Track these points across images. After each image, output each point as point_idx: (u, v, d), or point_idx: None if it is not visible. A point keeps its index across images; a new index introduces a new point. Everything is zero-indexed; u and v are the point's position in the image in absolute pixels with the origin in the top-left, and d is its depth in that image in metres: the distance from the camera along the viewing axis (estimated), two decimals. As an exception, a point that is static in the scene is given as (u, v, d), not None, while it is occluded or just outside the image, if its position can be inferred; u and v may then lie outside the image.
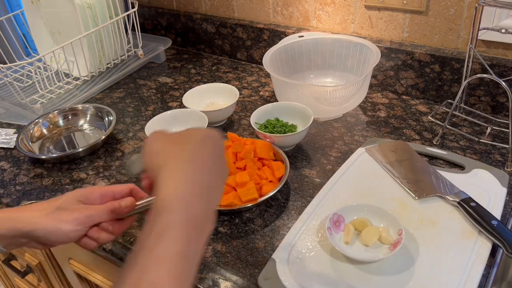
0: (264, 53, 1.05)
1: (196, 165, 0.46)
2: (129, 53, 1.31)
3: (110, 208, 0.57)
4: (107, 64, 1.27)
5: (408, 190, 0.78)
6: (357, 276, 0.64)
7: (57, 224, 0.55)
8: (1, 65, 1.06)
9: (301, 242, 0.70)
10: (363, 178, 0.82)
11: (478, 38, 0.92)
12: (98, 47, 1.20)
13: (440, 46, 1.04)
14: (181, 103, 1.06)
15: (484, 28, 0.89)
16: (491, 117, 0.96)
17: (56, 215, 0.55)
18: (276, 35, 1.23)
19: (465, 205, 0.71)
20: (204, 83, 1.20)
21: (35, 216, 0.55)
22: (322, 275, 0.65)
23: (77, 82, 1.22)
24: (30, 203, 0.82)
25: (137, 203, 0.59)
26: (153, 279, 0.38)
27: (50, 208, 0.56)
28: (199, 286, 0.67)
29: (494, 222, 0.67)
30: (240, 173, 0.79)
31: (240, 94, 1.14)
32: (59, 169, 0.95)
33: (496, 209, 0.72)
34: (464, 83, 0.91)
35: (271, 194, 0.76)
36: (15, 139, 1.01)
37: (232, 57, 1.37)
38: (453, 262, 0.64)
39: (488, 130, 0.91)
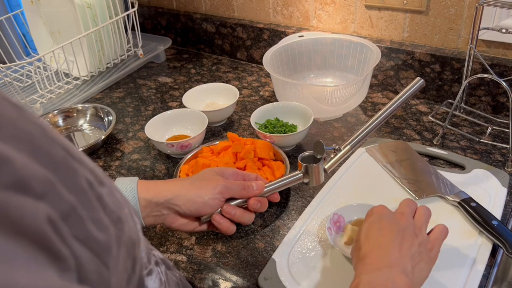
0: (264, 53, 1.05)
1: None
2: (129, 53, 1.30)
3: (244, 185, 0.62)
4: (107, 64, 1.27)
5: (408, 190, 0.78)
6: (357, 276, 0.64)
7: (197, 191, 0.59)
8: (1, 65, 1.06)
9: (301, 242, 0.70)
10: (363, 178, 0.82)
11: (479, 38, 0.92)
12: (98, 47, 1.20)
13: (440, 46, 1.04)
14: (181, 103, 1.06)
15: (485, 28, 0.89)
16: (492, 117, 0.96)
17: (197, 183, 0.60)
18: (276, 35, 1.23)
19: (465, 205, 0.71)
20: (204, 83, 1.20)
21: (177, 185, 0.60)
22: (322, 275, 0.65)
23: (77, 82, 1.22)
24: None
25: (266, 187, 0.65)
26: None
27: (190, 179, 0.61)
28: (199, 286, 0.67)
29: (494, 222, 0.67)
30: (240, 173, 0.79)
31: (240, 94, 1.13)
32: (58, 169, 0.95)
33: (496, 209, 0.72)
34: (464, 83, 0.91)
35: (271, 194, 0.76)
36: (15, 139, 1.01)
37: (232, 57, 1.37)
38: (453, 262, 0.64)
39: (489, 130, 0.90)
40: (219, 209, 0.63)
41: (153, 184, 0.60)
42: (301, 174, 0.66)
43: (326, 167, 0.66)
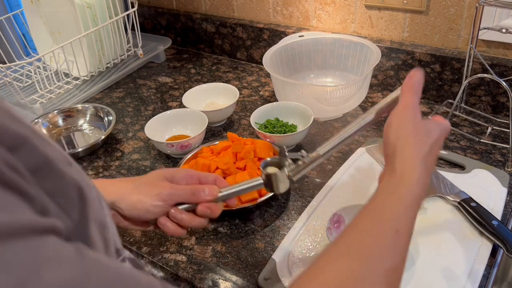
0: (264, 53, 1.05)
1: (430, 158, 0.53)
2: (129, 53, 1.30)
3: (193, 190, 0.58)
4: (107, 64, 1.27)
5: (409, 190, 0.78)
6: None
7: (139, 197, 0.56)
8: (1, 65, 1.05)
9: (301, 242, 0.70)
10: (363, 178, 0.82)
11: (479, 38, 0.92)
12: (98, 47, 1.20)
13: (440, 46, 1.04)
14: (181, 103, 1.05)
15: (485, 28, 0.89)
16: (492, 117, 0.96)
17: (141, 188, 0.57)
18: (276, 34, 1.23)
19: (465, 205, 0.71)
20: (204, 83, 1.20)
21: (122, 188, 0.57)
22: (322, 276, 0.65)
23: (77, 82, 1.22)
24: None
25: (220, 190, 0.59)
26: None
27: (136, 182, 0.58)
28: (199, 286, 0.67)
29: (494, 222, 0.67)
30: (240, 173, 0.79)
31: (240, 94, 1.13)
32: (58, 169, 0.95)
33: (496, 209, 0.72)
34: (464, 83, 0.91)
35: (271, 194, 0.76)
36: (15, 139, 1.01)
37: (232, 57, 1.37)
38: (453, 262, 0.64)
39: (489, 130, 0.90)
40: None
41: (104, 184, 0.58)
42: (261, 181, 0.59)
43: (290, 174, 0.58)
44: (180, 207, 0.59)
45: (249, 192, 0.62)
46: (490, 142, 0.89)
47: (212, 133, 1.02)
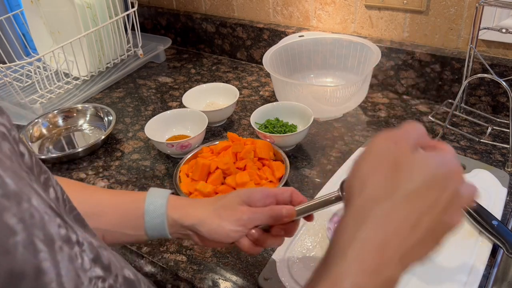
0: (264, 53, 1.05)
1: (413, 215, 0.36)
2: (129, 53, 1.30)
3: (272, 214, 0.57)
4: (107, 64, 1.27)
5: (409, 190, 0.78)
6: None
7: (220, 222, 0.56)
8: (1, 65, 1.05)
9: (301, 242, 0.70)
10: (363, 178, 0.82)
11: (479, 38, 0.92)
12: (98, 47, 1.20)
13: (440, 46, 1.04)
14: (181, 103, 1.06)
15: (485, 28, 0.89)
16: (492, 117, 0.96)
17: (221, 213, 0.57)
18: (276, 34, 1.23)
19: (465, 205, 0.71)
20: (204, 83, 1.20)
21: (203, 211, 0.57)
22: (322, 276, 0.65)
23: (77, 82, 1.22)
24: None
25: (296, 208, 0.58)
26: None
27: (215, 205, 0.58)
28: (199, 286, 0.67)
29: (494, 222, 0.67)
30: (240, 173, 0.79)
31: (240, 94, 1.13)
32: (58, 169, 0.95)
33: (496, 209, 0.72)
34: (464, 83, 0.91)
35: (271, 194, 0.76)
36: (15, 139, 1.01)
37: (232, 57, 1.37)
38: (453, 262, 0.64)
39: (489, 130, 0.90)
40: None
41: (182, 205, 0.59)
42: (337, 194, 0.58)
43: None
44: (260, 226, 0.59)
45: (325, 207, 0.60)
46: (490, 142, 0.89)
47: (212, 133, 1.02)
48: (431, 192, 0.36)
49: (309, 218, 0.60)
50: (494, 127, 0.92)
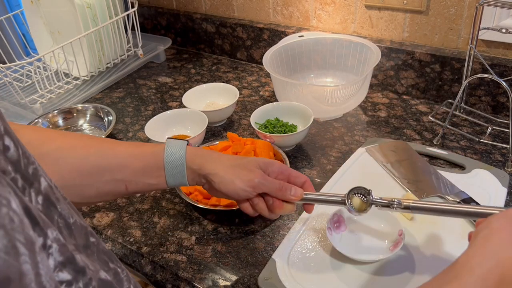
0: (264, 53, 1.05)
1: None
2: (129, 53, 1.30)
3: (281, 186, 0.61)
4: (107, 64, 1.27)
5: (409, 190, 0.78)
6: (357, 276, 0.64)
7: (233, 178, 0.60)
8: (1, 65, 1.06)
9: (301, 242, 0.70)
10: (363, 178, 0.82)
11: (479, 38, 0.92)
12: (98, 47, 1.20)
13: (440, 46, 1.04)
14: (181, 103, 1.06)
15: (485, 28, 0.89)
16: (492, 117, 0.96)
17: (236, 170, 0.61)
18: (276, 35, 1.23)
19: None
20: (204, 83, 1.20)
21: (219, 163, 0.61)
22: (322, 275, 0.65)
23: (77, 82, 1.22)
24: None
25: (304, 195, 0.62)
26: None
27: (234, 162, 0.62)
28: (199, 286, 0.67)
29: (494, 222, 0.67)
30: (240, 173, 0.79)
31: (240, 94, 1.13)
32: (58, 169, 0.95)
33: (496, 209, 0.72)
34: (464, 83, 0.91)
35: (271, 194, 0.76)
36: (15, 139, 1.01)
37: (232, 57, 1.37)
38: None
39: (489, 130, 0.90)
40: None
41: (200, 155, 0.62)
42: (343, 197, 0.62)
43: (369, 206, 0.61)
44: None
45: (328, 204, 0.64)
46: (490, 142, 0.89)
47: (212, 133, 1.02)
48: None
49: (309, 208, 0.64)
50: (494, 127, 0.92)
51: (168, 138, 0.64)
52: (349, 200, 0.62)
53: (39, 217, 0.30)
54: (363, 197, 0.62)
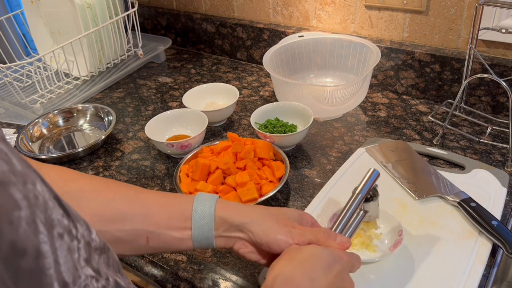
0: (264, 53, 1.05)
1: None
2: (129, 53, 1.30)
3: (327, 232, 0.56)
4: (107, 64, 1.27)
5: (408, 190, 0.78)
6: (357, 276, 0.64)
7: (272, 225, 0.55)
8: (1, 65, 1.06)
9: (301, 242, 0.70)
10: (363, 178, 0.82)
11: (479, 38, 0.92)
12: (98, 47, 1.20)
13: (440, 46, 1.04)
14: (181, 103, 1.06)
15: (485, 28, 0.89)
16: (491, 117, 0.96)
17: (278, 218, 0.56)
18: (276, 35, 1.23)
19: (465, 205, 0.71)
20: (204, 83, 1.20)
21: (256, 213, 0.56)
22: (322, 275, 0.65)
23: (77, 82, 1.22)
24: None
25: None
26: None
27: (270, 211, 0.57)
28: (199, 286, 0.67)
29: (494, 222, 0.67)
30: (240, 173, 0.79)
31: (240, 94, 1.14)
32: (59, 169, 0.95)
33: (496, 209, 0.72)
34: (464, 83, 0.91)
35: (271, 194, 0.76)
36: (15, 139, 1.01)
37: (232, 57, 1.37)
38: (453, 263, 0.64)
39: (488, 130, 0.90)
40: None
41: (232, 204, 0.58)
42: (363, 213, 0.62)
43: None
44: None
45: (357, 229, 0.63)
46: (490, 142, 0.89)
47: (212, 133, 1.02)
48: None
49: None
50: (494, 127, 0.92)
51: (200, 192, 0.59)
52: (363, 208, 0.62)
53: (69, 208, 0.31)
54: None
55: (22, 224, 0.26)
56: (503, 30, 0.85)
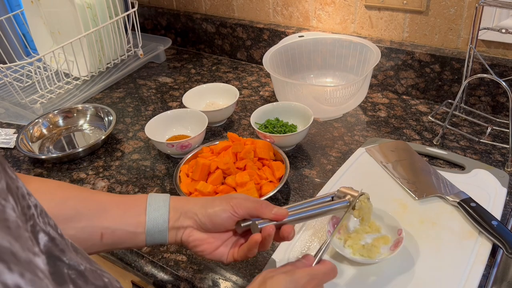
0: (264, 53, 1.05)
1: None
2: (129, 53, 1.30)
3: (264, 203, 0.58)
4: (107, 64, 1.27)
5: (408, 191, 0.78)
6: (357, 277, 0.64)
7: (213, 200, 0.58)
8: (1, 65, 1.06)
9: (300, 242, 0.70)
10: (363, 178, 0.82)
11: (478, 38, 0.92)
12: (98, 47, 1.20)
13: (440, 46, 1.04)
14: (181, 103, 1.06)
15: (484, 28, 0.89)
16: (491, 117, 0.96)
17: (217, 198, 0.59)
18: (276, 35, 1.23)
19: (465, 206, 0.71)
20: (204, 83, 1.20)
21: (203, 200, 0.60)
22: (322, 276, 0.65)
23: (77, 82, 1.22)
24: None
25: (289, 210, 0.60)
26: None
27: (211, 198, 0.60)
28: (199, 286, 0.67)
29: (494, 223, 0.67)
30: (240, 173, 0.79)
31: (240, 94, 1.14)
32: (59, 169, 0.95)
33: (496, 209, 0.72)
34: (464, 83, 0.91)
35: (271, 194, 0.76)
36: (15, 139, 1.01)
37: (232, 57, 1.37)
38: (453, 263, 0.64)
39: (488, 130, 0.90)
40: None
41: (185, 197, 0.61)
42: (347, 202, 0.64)
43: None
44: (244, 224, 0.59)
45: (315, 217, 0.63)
46: (489, 142, 0.89)
47: (212, 133, 1.02)
48: None
49: (286, 231, 0.59)
50: (494, 127, 0.92)
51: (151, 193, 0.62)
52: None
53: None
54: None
55: None
56: (503, 30, 0.85)
